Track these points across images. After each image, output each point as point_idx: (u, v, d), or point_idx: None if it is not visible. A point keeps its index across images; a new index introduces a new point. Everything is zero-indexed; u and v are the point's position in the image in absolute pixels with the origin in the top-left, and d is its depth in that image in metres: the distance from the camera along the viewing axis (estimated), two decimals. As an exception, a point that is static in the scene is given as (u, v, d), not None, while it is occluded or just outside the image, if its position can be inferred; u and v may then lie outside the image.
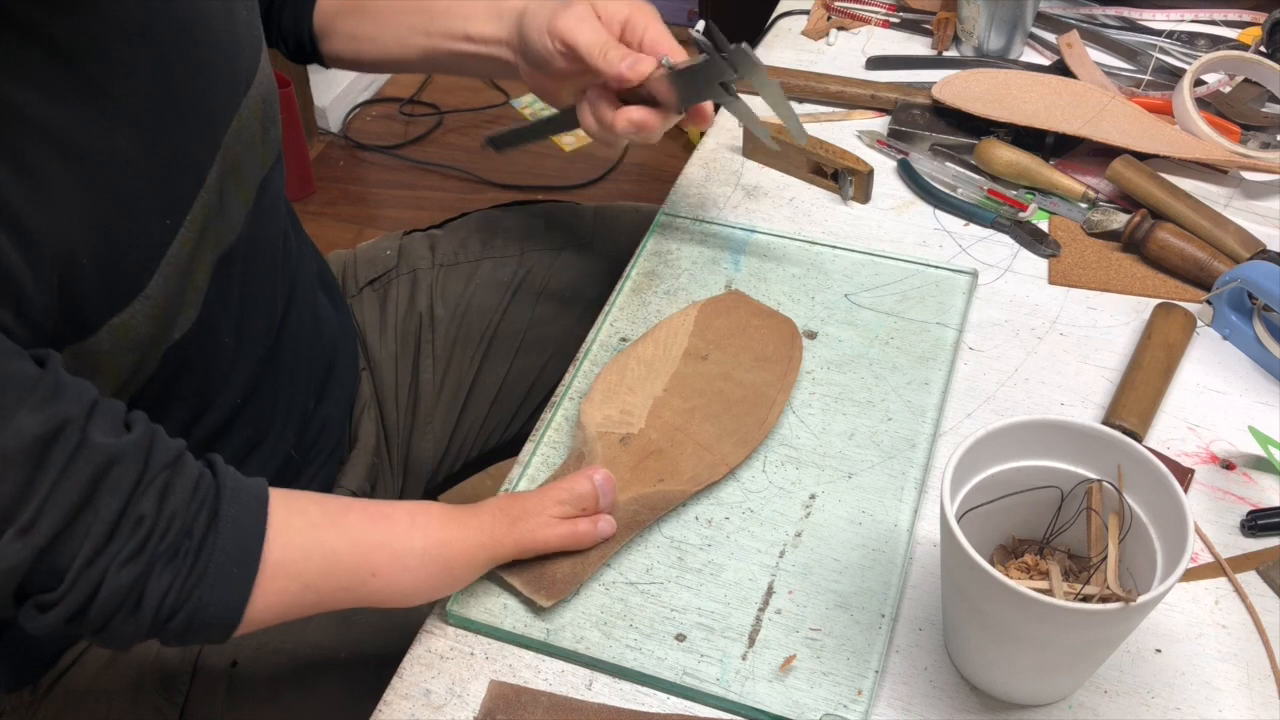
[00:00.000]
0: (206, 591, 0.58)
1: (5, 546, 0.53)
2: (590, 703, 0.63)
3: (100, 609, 0.56)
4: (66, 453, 0.54)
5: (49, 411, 0.54)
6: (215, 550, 0.58)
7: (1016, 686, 0.62)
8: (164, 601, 0.57)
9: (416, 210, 2.27)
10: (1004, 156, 0.96)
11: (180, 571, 0.57)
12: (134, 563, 0.56)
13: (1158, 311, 0.83)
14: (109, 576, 0.55)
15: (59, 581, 0.55)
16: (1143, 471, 0.58)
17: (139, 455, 0.57)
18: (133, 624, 0.57)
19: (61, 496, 0.54)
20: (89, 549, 0.55)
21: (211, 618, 0.59)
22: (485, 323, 1.01)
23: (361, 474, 0.94)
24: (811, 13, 1.23)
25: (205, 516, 0.59)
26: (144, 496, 0.56)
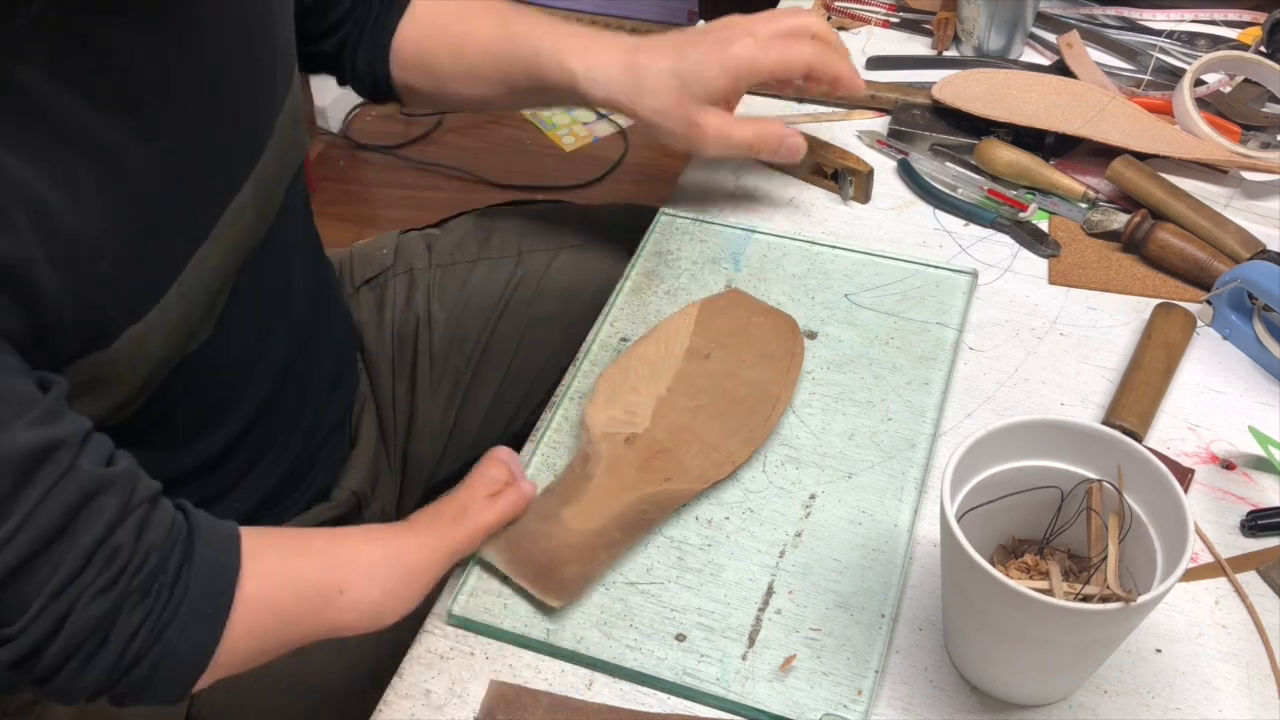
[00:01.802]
0: (176, 631, 0.56)
1: None
2: (590, 703, 0.63)
3: (61, 646, 0.53)
4: (55, 474, 0.53)
5: (45, 430, 0.53)
6: (189, 587, 0.57)
7: (1016, 686, 0.62)
8: (131, 642, 0.55)
9: (416, 210, 2.27)
10: (1004, 156, 0.96)
11: (153, 610, 0.56)
12: (105, 596, 0.54)
13: (1158, 311, 0.83)
14: (76, 609, 0.53)
15: (20, 613, 0.52)
16: (1143, 471, 0.58)
17: (124, 487, 0.56)
18: (89, 669, 0.55)
19: (41, 517, 0.52)
20: (61, 577, 0.53)
21: (180, 661, 0.57)
22: (482, 323, 1.01)
23: (363, 473, 0.94)
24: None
25: (180, 553, 0.58)
26: (122, 528, 0.55)
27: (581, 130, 2.43)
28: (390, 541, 0.66)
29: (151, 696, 0.58)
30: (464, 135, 2.45)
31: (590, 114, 2.44)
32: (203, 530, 0.60)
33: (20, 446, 0.52)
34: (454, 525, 0.67)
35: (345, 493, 0.92)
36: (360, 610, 0.63)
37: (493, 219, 1.06)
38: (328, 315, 0.91)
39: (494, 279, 1.02)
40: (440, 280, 1.02)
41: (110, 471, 0.56)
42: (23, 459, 0.52)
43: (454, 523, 0.67)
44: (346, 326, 0.96)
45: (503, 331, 1.01)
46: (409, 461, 1.00)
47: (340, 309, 0.96)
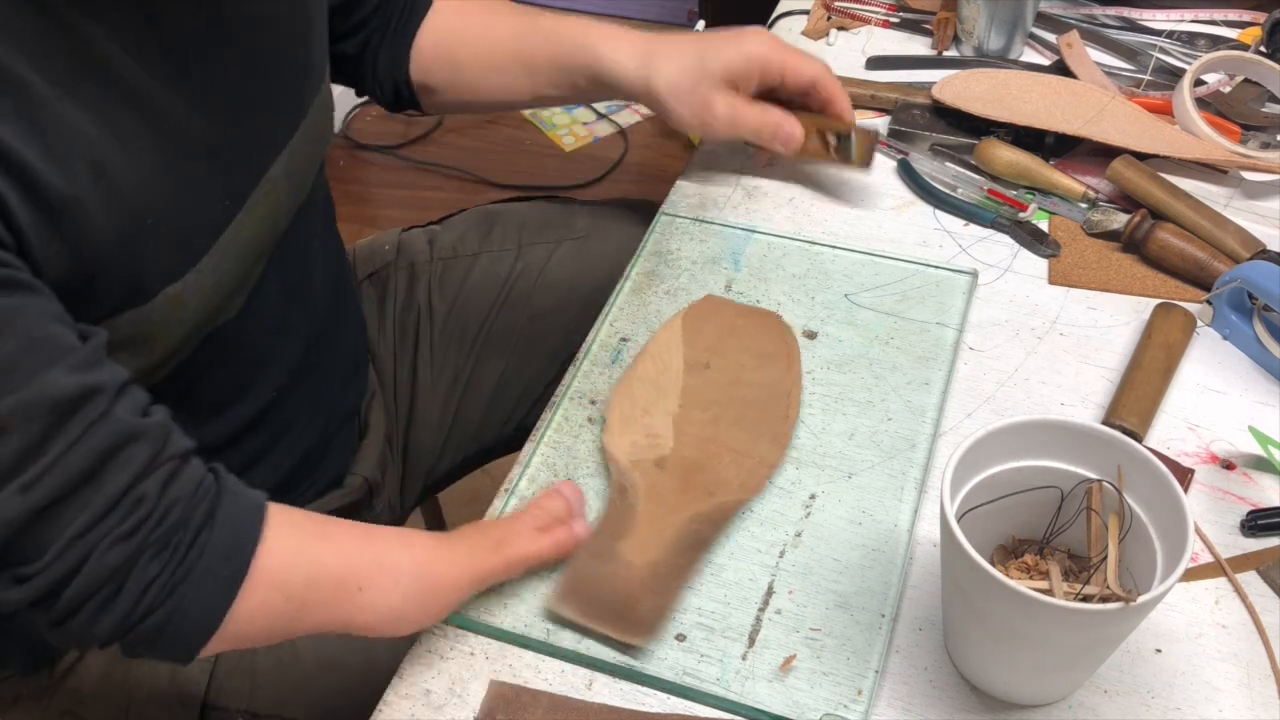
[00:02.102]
0: (191, 588, 0.57)
1: (5, 499, 0.52)
2: (590, 703, 0.63)
3: (77, 590, 0.54)
4: (89, 420, 0.54)
5: (84, 376, 0.54)
6: (207, 547, 0.57)
7: (1016, 686, 0.62)
8: (145, 593, 0.55)
9: (416, 210, 2.27)
10: (1004, 156, 0.96)
11: (169, 564, 0.56)
12: (125, 543, 0.55)
13: (1158, 311, 0.83)
14: (95, 553, 0.54)
15: (42, 552, 0.53)
16: (1143, 471, 0.58)
17: (156, 439, 0.57)
18: (105, 615, 0.55)
19: (72, 461, 0.53)
20: (83, 521, 0.54)
21: (190, 619, 0.57)
22: (482, 317, 1.02)
23: (373, 462, 0.95)
24: (811, 13, 1.23)
25: (203, 512, 0.58)
26: (149, 479, 0.56)
27: (581, 130, 2.43)
28: (423, 552, 0.64)
29: (162, 651, 0.58)
30: (464, 135, 2.45)
31: (590, 114, 2.44)
32: (229, 494, 0.60)
33: (58, 390, 0.53)
34: (493, 550, 0.66)
35: (358, 480, 0.93)
36: (377, 612, 0.63)
37: (493, 214, 1.07)
38: (345, 309, 0.92)
39: (494, 272, 1.02)
40: (441, 273, 1.02)
41: (144, 422, 0.56)
42: (60, 402, 0.53)
43: (494, 547, 0.66)
44: (360, 321, 0.97)
45: (503, 324, 1.02)
46: (409, 453, 1.01)
47: (355, 304, 0.97)
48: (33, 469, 0.52)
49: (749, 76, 0.87)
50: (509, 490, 0.75)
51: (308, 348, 0.84)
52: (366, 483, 0.93)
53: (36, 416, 0.52)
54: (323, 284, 0.86)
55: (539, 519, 0.68)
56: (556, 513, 0.68)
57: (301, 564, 0.61)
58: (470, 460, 1.06)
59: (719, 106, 0.87)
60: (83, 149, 0.57)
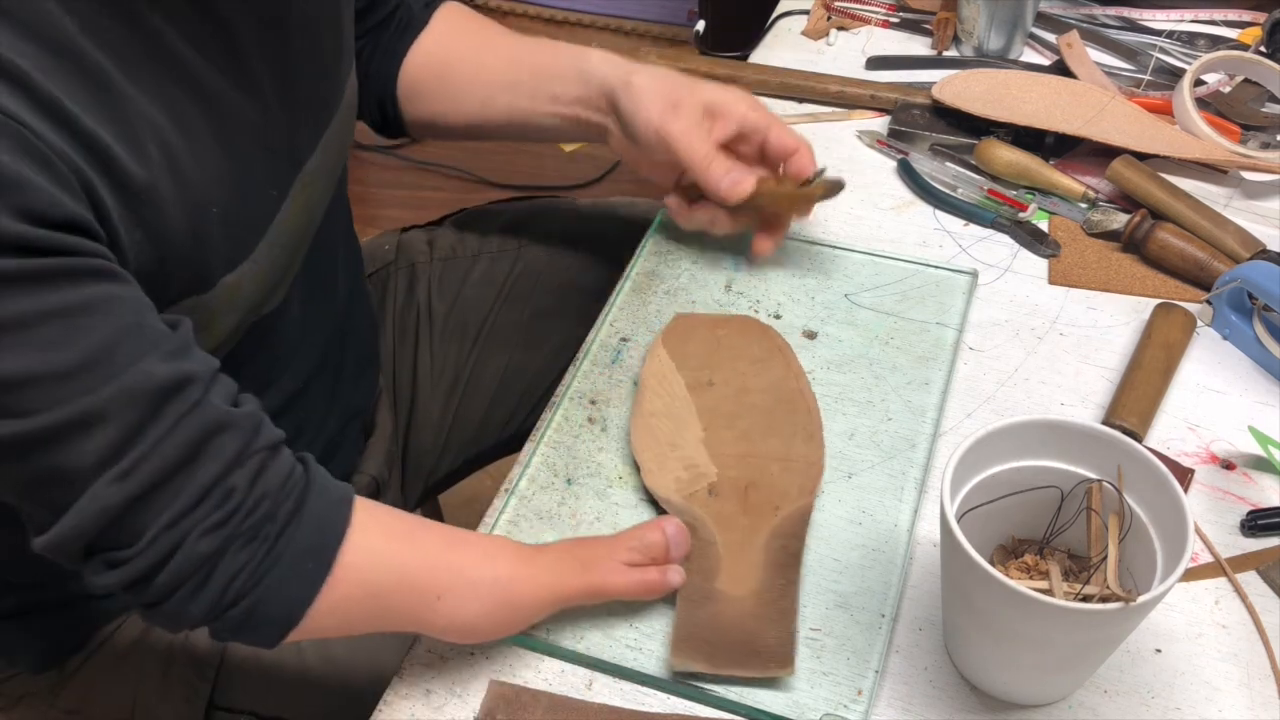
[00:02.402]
0: (276, 580, 0.57)
1: (100, 488, 0.52)
2: (590, 703, 0.63)
3: (169, 577, 0.55)
4: (184, 408, 0.54)
5: (177, 365, 0.54)
6: (294, 540, 0.57)
7: (1016, 686, 0.62)
8: (232, 582, 0.56)
9: (416, 210, 2.25)
10: (1004, 156, 0.96)
11: (256, 554, 0.56)
12: (215, 534, 0.55)
13: (1158, 311, 0.83)
14: (187, 542, 0.54)
15: (136, 539, 0.54)
16: (1143, 471, 0.58)
17: (247, 429, 0.57)
18: (194, 602, 0.56)
19: (167, 449, 0.53)
20: (176, 510, 0.54)
21: (274, 611, 0.58)
22: (481, 317, 1.02)
23: (381, 460, 0.95)
24: (811, 13, 1.23)
25: (291, 504, 0.58)
26: (240, 470, 0.56)
27: (581, 130, 2.43)
28: (506, 567, 0.63)
29: (247, 637, 0.59)
30: (464, 135, 2.45)
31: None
32: (317, 488, 0.60)
33: (155, 379, 0.53)
34: (578, 572, 0.64)
35: (366, 478, 0.93)
36: (453, 621, 0.62)
37: (493, 214, 1.07)
38: (360, 306, 0.92)
39: (494, 272, 1.02)
40: (441, 274, 1.02)
41: (235, 412, 0.57)
42: (156, 391, 0.53)
43: (580, 570, 0.64)
44: (372, 319, 0.97)
45: (503, 324, 1.02)
46: (410, 454, 1.01)
47: (368, 302, 0.97)
48: (129, 457, 0.52)
49: (728, 116, 0.82)
50: (509, 490, 0.75)
51: (327, 343, 0.84)
52: (374, 481, 0.93)
53: (133, 404, 0.52)
54: (343, 281, 0.87)
55: (633, 552, 0.65)
56: (652, 550, 0.66)
57: (385, 565, 0.61)
58: (471, 461, 1.06)
59: (683, 118, 0.81)
60: (155, 137, 0.57)
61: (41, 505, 0.54)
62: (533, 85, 0.87)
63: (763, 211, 0.85)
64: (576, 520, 0.73)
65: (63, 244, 0.50)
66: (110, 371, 0.52)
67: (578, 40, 2.76)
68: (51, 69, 0.51)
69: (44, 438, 0.51)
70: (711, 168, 0.81)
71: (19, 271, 0.49)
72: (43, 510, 0.54)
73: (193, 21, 0.60)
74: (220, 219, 0.63)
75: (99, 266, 0.53)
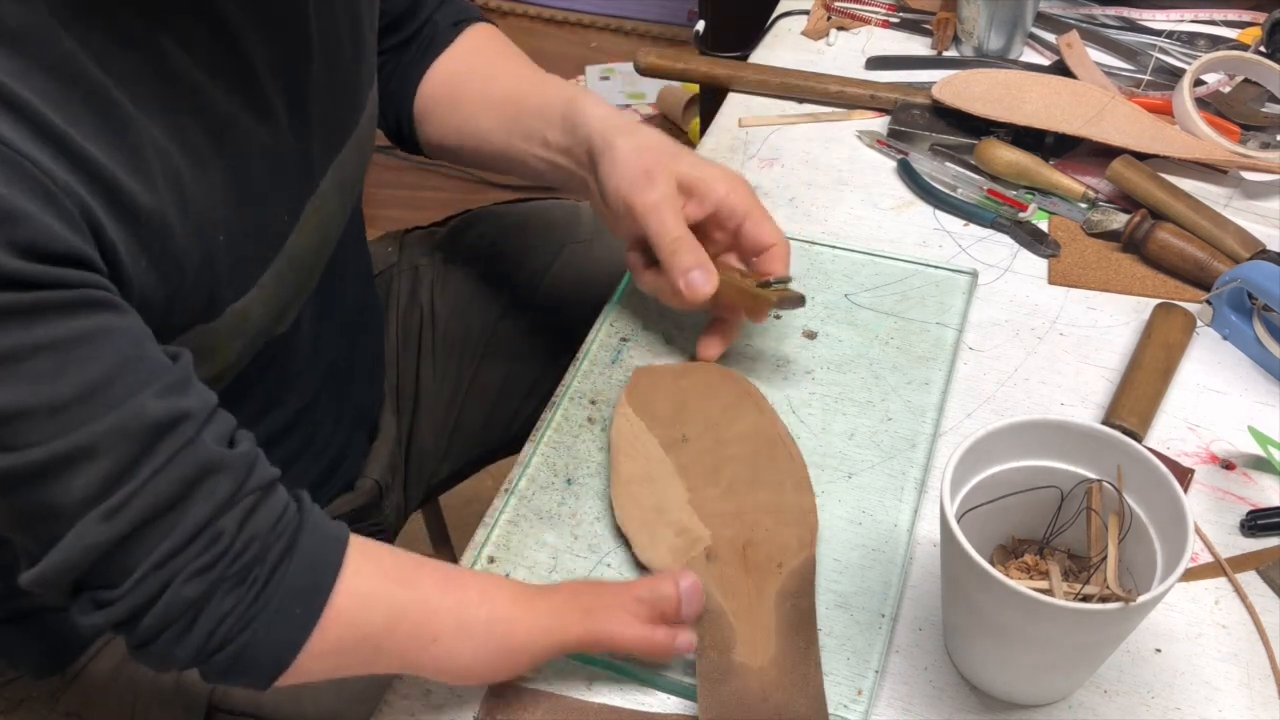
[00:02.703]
0: (264, 625, 0.56)
1: (88, 525, 0.51)
2: (590, 703, 0.63)
3: (155, 619, 0.54)
4: (176, 446, 0.53)
5: (173, 401, 0.53)
6: (284, 583, 0.56)
7: (1016, 686, 0.62)
8: (219, 627, 0.55)
9: (417, 210, 2.26)
10: (1004, 156, 0.96)
11: (244, 598, 0.55)
12: (201, 577, 0.54)
13: (1158, 311, 0.83)
14: (174, 584, 0.53)
15: (124, 578, 0.53)
16: (1143, 471, 0.58)
17: (240, 471, 0.56)
18: (180, 645, 0.55)
19: (158, 487, 0.52)
20: (163, 552, 0.53)
21: (262, 655, 0.57)
22: (485, 321, 1.01)
23: (385, 463, 0.95)
24: (811, 13, 1.23)
25: (282, 546, 0.57)
26: (230, 512, 0.55)
27: (581, 130, 2.43)
28: (505, 609, 0.61)
29: (236, 680, 0.58)
30: (464, 135, 2.44)
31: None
32: (309, 530, 0.58)
33: (149, 415, 0.52)
34: (580, 619, 0.62)
35: (369, 482, 0.92)
36: (447, 666, 0.61)
37: (497, 217, 1.06)
38: (369, 316, 0.92)
39: (497, 276, 1.02)
40: (444, 277, 1.02)
41: (229, 453, 0.56)
42: (151, 427, 0.52)
43: (581, 616, 0.62)
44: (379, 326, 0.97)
45: (506, 328, 1.02)
46: (412, 457, 1.01)
47: (378, 311, 0.97)
48: (119, 493, 0.51)
49: (704, 196, 0.77)
50: (509, 490, 0.75)
51: (336, 357, 0.84)
52: (377, 485, 0.93)
53: (126, 440, 0.51)
54: (353, 293, 0.86)
55: (642, 604, 0.62)
56: (663, 604, 0.62)
57: (380, 607, 0.59)
58: (473, 463, 1.06)
59: (655, 191, 0.75)
60: (163, 164, 0.56)
61: (30, 539, 0.53)
62: (528, 125, 0.84)
63: (717, 299, 0.77)
64: (576, 520, 0.73)
65: (58, 277, 0.49)
66: (104, 405, 0.51)
67: (578, 40, 2.78)
68: (59, 99, 0.51)
69: (34, 471, 0.50)
70: (675, 256, 0.74)
71: (10, 305, 0.48)
72: (31, 543, 0.53)
73: (205, 43, 0.59)
74: (227, 246, 0.62)
75: (96, 298, 0.52)
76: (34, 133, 0.50)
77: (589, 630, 0.62)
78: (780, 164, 1.01)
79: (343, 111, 0.73)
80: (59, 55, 0.51)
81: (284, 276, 0.68)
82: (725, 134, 1.06)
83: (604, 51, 2.71)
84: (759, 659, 0.63)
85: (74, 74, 0.52)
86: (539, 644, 0.62)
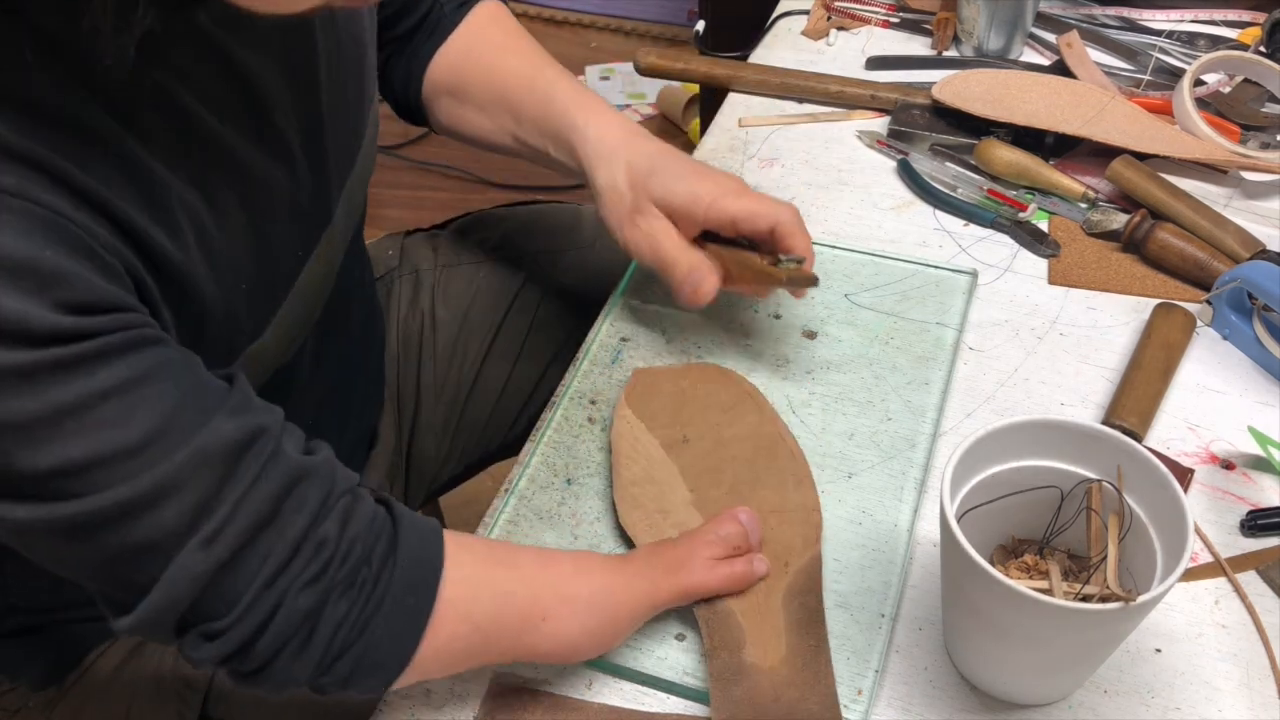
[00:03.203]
0: (380, 625, 0.55)
1: (188, 556, 0.50)
2: (590, 703, 0.63)
3: (271, 640, 0.53)
4: (260, 461, 0.52)
5: (246, 419, 0.53)
6: (393, 581, 0.56)
7: (1016, 686, 0.62)
8: (337, 634, 0.54)
9: (416, 210, 2.27)
10: (1004, 156, 0.96)
11: (357, 601, 0.54)
12: (313, 587, 0.53)
13: (1158, 311, 0.83)
14: (286, 600, 0.53)
15: (232, 605, 0.52)
16: (1143, 471, 0.58)
17: (326, 476, 0.55)
18: (299, 662, 0.54)
19: (250, 507, 0.51)
20: (269, 570, 0.52)
21: (382, 656, 0.56)
22: (487, 325, 1.01)
23: (383, 471, 0.95)
24: (811, 13, 1.23)
25: (384, 545, 0.57)
26: (327, 519, 0.54)
27: (581, 130, 2.43)
28: (601, 579, 0.62)
29: (355, 688, 0.57)
30: (464, 135, 2.45)
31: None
32: (406, 524, 0.58)
33: (225, 437, 0.51)
34: (668, 576, 0.63)
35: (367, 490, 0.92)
36: (558, 642, 0.61)
37: (498, 220, 1.06)
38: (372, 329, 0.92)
39: (499, 280, 1.02)
40: (445, 281, 1.02)
41: (311, 460, 0.55)
42: (230, 449, 0.51)
43: (668, 573, 0.63)
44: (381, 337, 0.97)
45: (507, 333, 1.01)
46: (413, 461, 1.01)
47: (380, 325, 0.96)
48: (212, 521, 0.51)
49: (690, 217, 0.77)
50: (509, 490, 0.75)
51: (339, 373, 0.84)
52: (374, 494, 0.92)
53: (208, 466, 0.51)
54: (356, 307, 0.86)
55: (714, 546, 0.65)
56: (733, 540, 0.65)
57: (486, 593, 0.60)
58: (473, 465, 1.06)
59: (641, 227, 0.78)
60: (191, 220, 0.56)
61: (119, 586, 0.52)
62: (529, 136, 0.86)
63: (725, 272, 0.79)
64: (576, 520, 0.73)
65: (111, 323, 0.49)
66: (178, 437, 0.50)
67: (578, 40, 2.78)
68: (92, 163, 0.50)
69: (120, 512, 0.49)
70: (672, 271, 0.77)
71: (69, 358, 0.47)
72: (121, 591, 0.52)
73: (225, 96, 0.58)
74: (251, 292, 0.62)
75: (149, 335, 0.51)
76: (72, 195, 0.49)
77: (678, 584, 0.63)
78: (780, 164, 1.01)
79: (351, 140, 0.73)
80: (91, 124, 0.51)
81: (294, 310, 0.68)
82: (725, 134, 1.06)
83: (604, 51, 2.71)
84: (770, 659, 0.63)
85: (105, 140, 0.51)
86: (638, 608, 0.63)
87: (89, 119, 0.51)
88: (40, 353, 0.46)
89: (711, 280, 0.77)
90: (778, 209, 0.77)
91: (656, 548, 0.66)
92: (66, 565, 0.52)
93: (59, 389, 0.47)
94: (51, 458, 0.47)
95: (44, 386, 0.46)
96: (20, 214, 0.46)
